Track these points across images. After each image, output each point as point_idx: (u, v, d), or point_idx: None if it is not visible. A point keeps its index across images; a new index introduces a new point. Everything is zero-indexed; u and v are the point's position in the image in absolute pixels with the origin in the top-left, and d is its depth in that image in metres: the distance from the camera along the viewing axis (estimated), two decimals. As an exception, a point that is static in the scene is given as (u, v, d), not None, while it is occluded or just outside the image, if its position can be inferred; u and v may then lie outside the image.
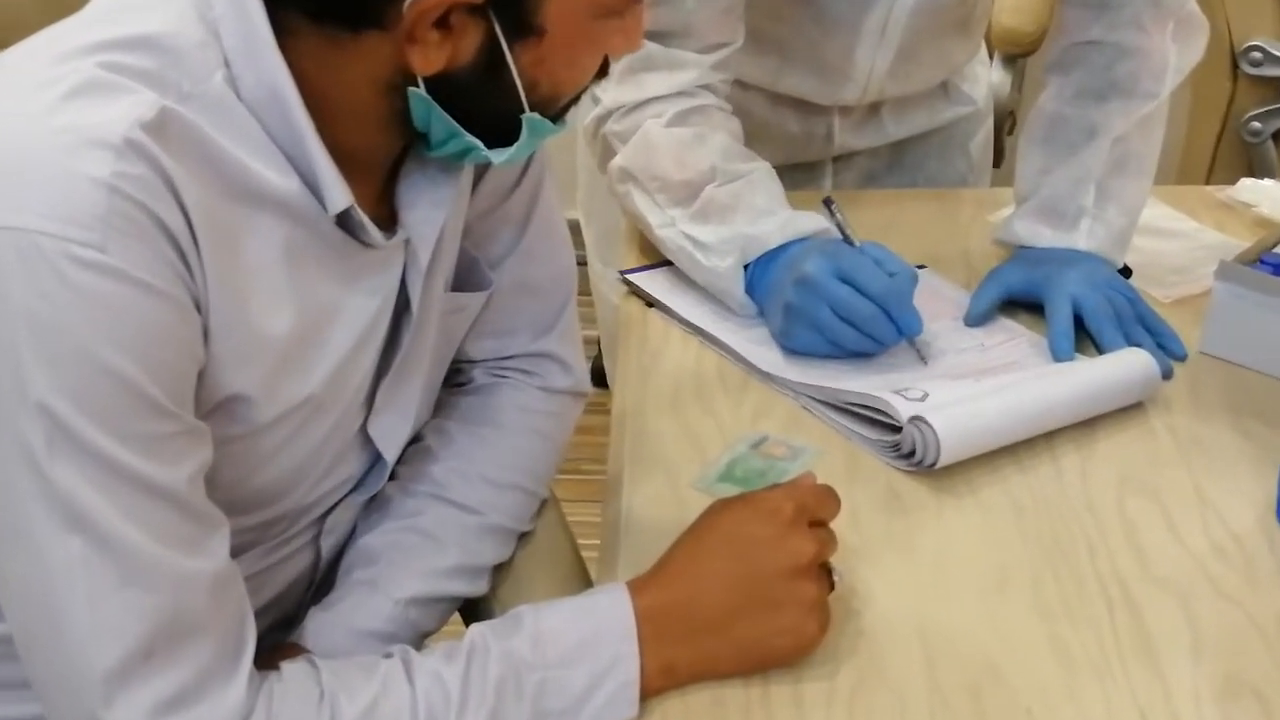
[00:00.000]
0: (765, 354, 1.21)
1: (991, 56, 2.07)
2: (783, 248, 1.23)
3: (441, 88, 0.81)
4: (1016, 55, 2.09)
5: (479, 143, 0.84)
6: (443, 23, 0.77)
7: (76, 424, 0.72)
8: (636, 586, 0.88)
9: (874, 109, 1.51)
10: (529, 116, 0.84)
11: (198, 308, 0.77)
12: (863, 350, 1.18)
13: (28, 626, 0.76)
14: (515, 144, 0.85)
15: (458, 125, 0.83)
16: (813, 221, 1.25)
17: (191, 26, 0.79)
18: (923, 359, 1.20)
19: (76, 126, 0.72)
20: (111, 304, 0.72)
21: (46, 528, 0.73)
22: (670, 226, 1.28)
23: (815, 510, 0.91)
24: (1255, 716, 0.87)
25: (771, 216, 1.25)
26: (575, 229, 1.50)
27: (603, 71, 0.87)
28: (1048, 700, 0.87)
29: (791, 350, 1.21)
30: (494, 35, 0.79)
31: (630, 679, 0.84)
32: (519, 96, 0.82)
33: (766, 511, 0.90)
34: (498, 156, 0.86)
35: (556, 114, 0.87)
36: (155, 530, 0.74)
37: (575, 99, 0.88)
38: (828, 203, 1.28)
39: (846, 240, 1.23)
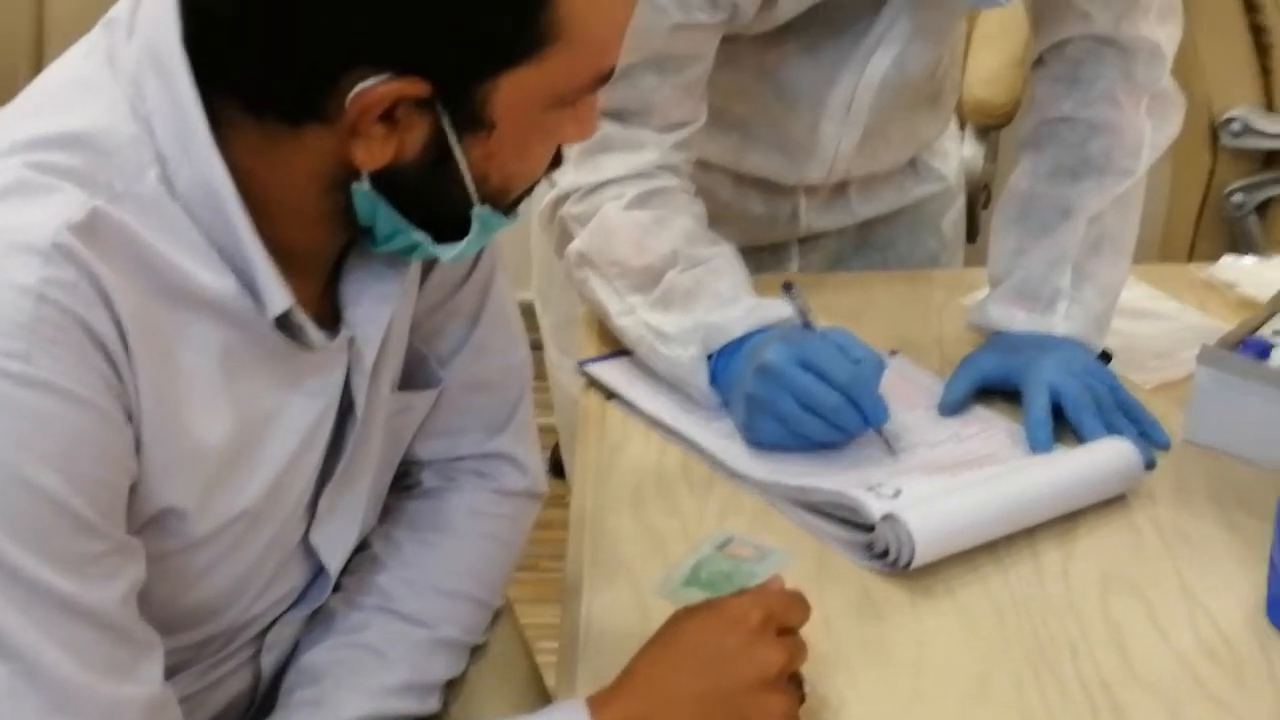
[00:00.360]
0: (731, 449, 1.21)
1: (963, 129, 2.09)
2: (747, 337, 1.22)
3: (387, 183, 0.81)
4: (990, 127, 2.12)
5: (427, 238, 0.84)
6: (388, 116, 0.77)
7: (4, 550, 0.71)
8: (597, 703, 0.87)
9: (840, 188, 1.52)
10: (479, 210, 0.84)
11: (129, 418, 0.77)
12: (829, 441, 1.18)
13: None
14: (465, 239, 0.85)
15: (404, 221, 0.83)
16: (779, 309, 1.25)
17: (123, 121, 0.79)
18: (891, 450, 1.19)
19: (2, 230, 0.72)
20: (36, 416, 0.72)
21: None
22: (630, 314, 1.28)
23: (783, 617, 0.90)
24: (1249, 832, 0.86)
25: (736, 304, 1.25)
26: (529, 313, 1.50)
27: (556, 161, 0.87)
28: (1032, 817, 0.87)
29: (756, 443, 1.20)
30: (441, 129, 0.79)
31: None
32: (468, 190, 0.82)
33: (732, 620, 0.89)
34: (446, 253, 0.86)
35: (508, 206, 0.86)
36: (84, 656, 0.74)
37: (528, 190, 0.88)
38: (787, 287, 1.28)
39: (808, 326, 1.23)
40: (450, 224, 0.84)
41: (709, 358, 1.24)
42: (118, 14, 0.83)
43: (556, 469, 1.75)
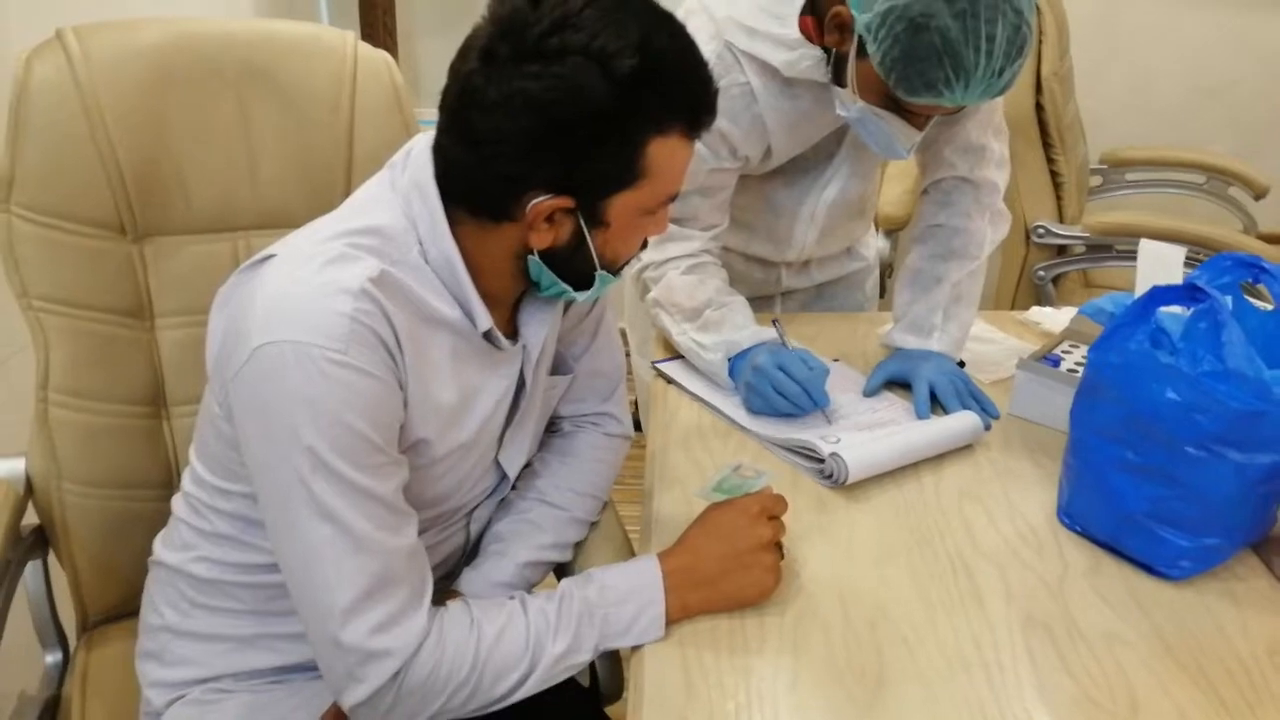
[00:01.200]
0: (741, 415, 1.22)
1: (877, 230, 2.10)
2: (750, 348, 1.24)
3: (548, 256, 0.84)
4: (892, 230, 2.13)
5: (569, 288, 0.87)
6: (549, 219, 0.81)
7: (330, 459, 0.75)
8: (662, 556, 0.89)
9: (806, 264, 1.53)
10: (600, 273, 0.87)
11: (401, 386, 0.80)
12: (791, 414, 1.18)
13: (296, 580, 0.79)
14: (591, 289, 0.88)
15: (557, 278, 0.86)
16: (769, 333, 1.26)
17: (400, 220, 0.83)
18: (829, 421, 1.19)
19: (332, 281, 0.77)
20: (352, 386, 0.75)
21: (310, 520, 0.76)
22: (684, 335, 1.30)
23: (772, 509, 0.93)
24: (1046, 642, 0.87)
25: (744, 329, 1.27)
26: (623, 335, 1.53)
27: (643, 245, 0.90)
28: (917, 631, 0.88)
29: (750, 412, 1.22)
30: (580, 227, 0.82)
31: (659, 613, 0.86)
32: (594, 262, 0.85)
33: (741, 509, 0.92)
34: (580, 295, 0.89)
35: (615, 271, 0.89)
36: (374, 521, 0.77)
37: (627, 262, 0.91)
38: (775, 322, 1.30)
39: (784, 345, 1.25)
40: (583, 280, 0.87)
41: (729, 360, 1.26)
42: (396, 159, 0.88)
43: (637, 425, 1.77)
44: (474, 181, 0.81)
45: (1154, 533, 0.95)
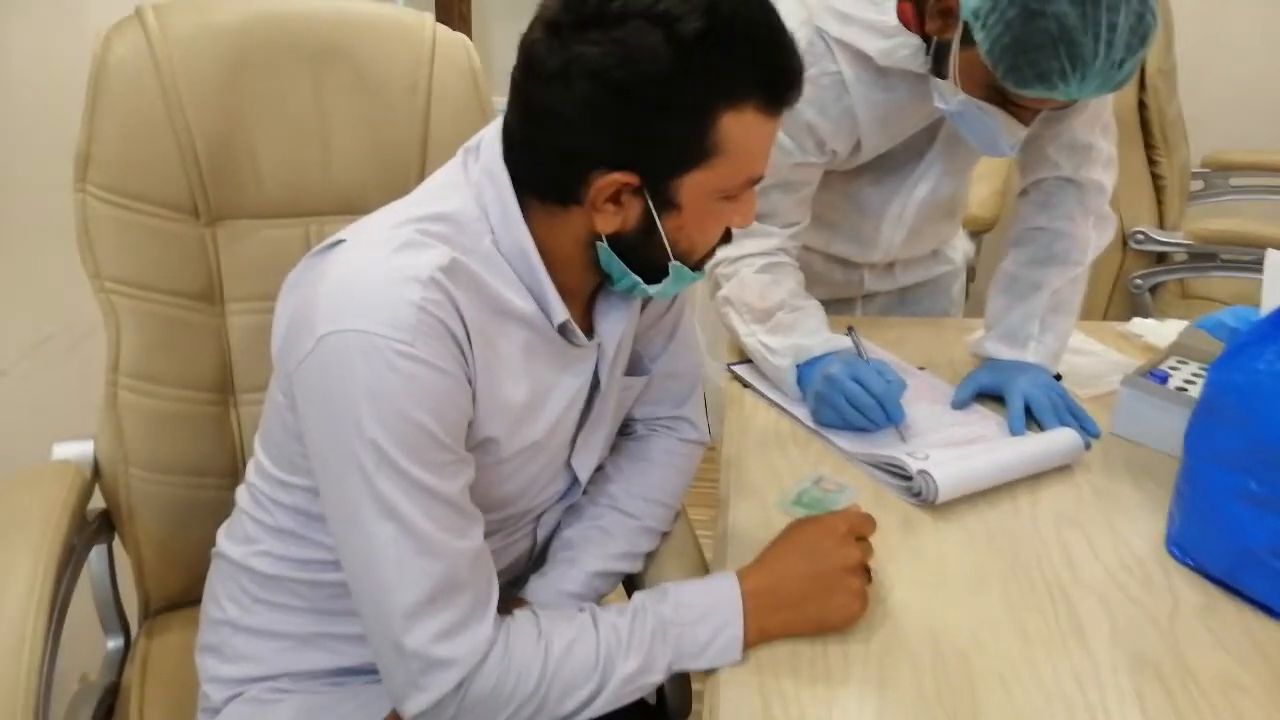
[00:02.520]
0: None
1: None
2: (821, 356, 1.19)
3: (617, 243, 0.80)
4: (979, 232, 2.05)
5: (640, 281, 0.83)
6: (615, 199, 0.76)
7: (394, 454, 0.72)
8: (743, 574, 0.85)
9: (890, 266, 1.47)
10: (674, 264, 0.82)
11: (469, 382, 0.77)
12: (863, 428, 1.13)
13: (357, 579, 0.76)
14: (665, 282, 0.83)
15: (627, 268, 0.82)
16: (843, 341, 1.21)
17: (472, 208, 0.80)
18: (902, 438, 1.13)
19: (401, 268, 0.74)
20: (417, 379, 0.72)
21: (372, 517, 0.73)
22: (751, 336, 1.25)
23: (859, 529, 0.88)
24: (1155, 686, 0.81)
25: (816, 335, 1.21)
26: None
27: (726, 237, 0.85)
28: (1014, 666, 0.83)
29: (819, 423, 1.16)
30: (649, 208, 0.77)
31: (737, 634, 0.82)
32: (667, 250, 0.80)
33: (828, 528, 0.87)
34: (654, 290, 0.84)
35: (695, 265, 0.84)
36: (439, 522, 0.74)
37: (708, 255, 0.85)
38: (850, 330, 1.25)
39: (860, 355, 1.20)
40: (656, 272, 0.82)
41: (797, 367, 1.20)
42: (471, 144, 0.84)
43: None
44: (536, 160, 0.77)
45: (1277, 571, 0.87)
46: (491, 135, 0.82)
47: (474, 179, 0.81)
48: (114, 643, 1.15)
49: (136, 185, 1.03)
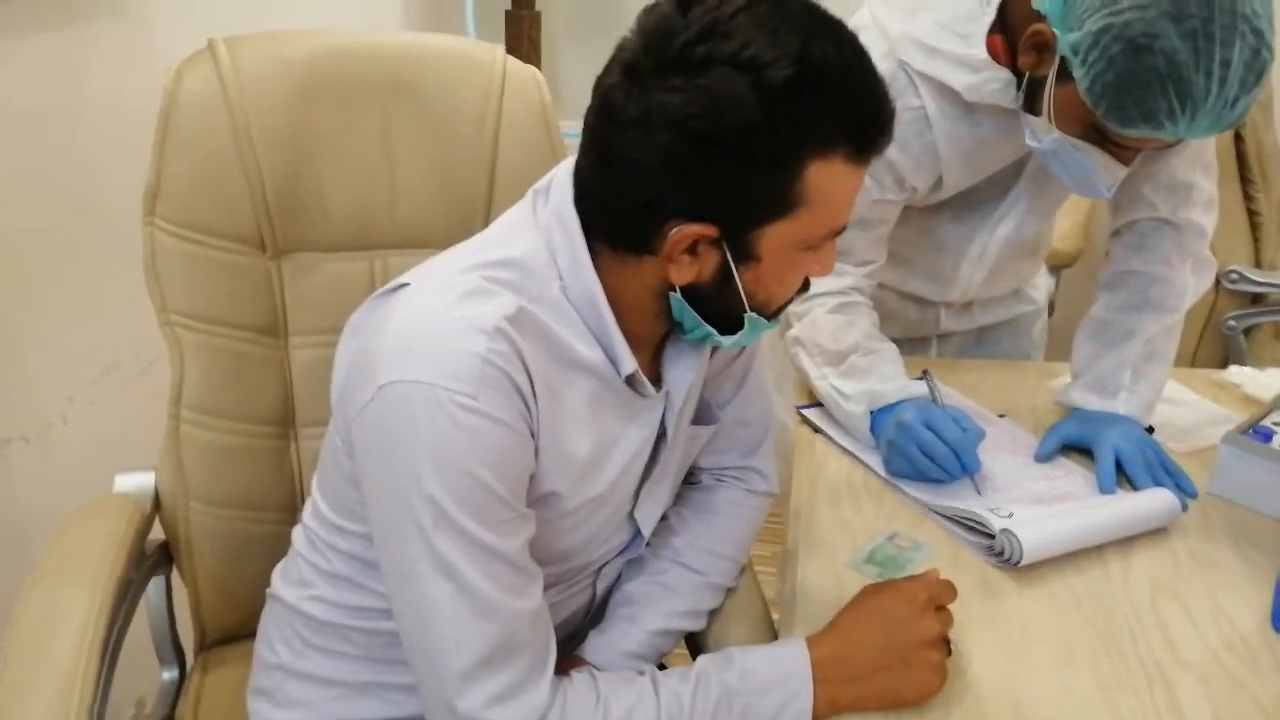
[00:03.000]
0: (897, 473, 1.12)
1: (1043, 268, 1.96)
2: (896, 403, 1.14)
3: (691, 294, 0.77)
4: (1059, 267, 1.98)
5: (714, 331, 0.80)
6: (692, 250, 0.73)
7: (453, 511, 0.70)
8: (814, 641, 0.81)
9: (968, 305, 1.42)
10: (750, 315, 0.78)
11: (532, 435, 0.75)
12: (937, 478, 1.07)
13: (411, 636, 0.74)
14: (739, 333, 0.80)
15: (700, 319, 0.78)
16: (920, 388, 1.16)
17: (540, 252, 0.77)
18: (977, 490, 1.07)
19: (465, 317, 0.71)
20: (479, 433, 0.70)
21: (428, 575, 0.71)
22: (823, 380, 1.21)
23: (940, 597, 0.83)
24: (1267, 783, 0.75)
25: (892, 381, 1.16)
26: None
27: (805, 286, 0.81)
28: (1108, 753, 0.77)
29: (891, 473, 1.11)
30: (727, 260, 0.74)
31: (806, 707, 0.77)
32: (743, 301, 0.77)
33: (907, 596, 0.82)
34: (727, 341, 0.81)
35: (771, 315, 0.81)
36: (497, 581, 0.72)
37: (785, 305, 0.82)
38: (925, 374, 1.19)
39: (935, 400, 1.14)
40: (731, 323, 0.79)
41: (871, 414, 1.15)
42: (540, 186, 0.82)
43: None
44: (611, 208, 0.74)
45: (1403, 659, 0.80)
46: (562, 177, 0.79)
47: (543, 223, 0.78)
48: (169, 674, 1.14)
49: (205, 219, 1.02)
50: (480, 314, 0.71)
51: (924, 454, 1.07)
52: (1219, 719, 0.80)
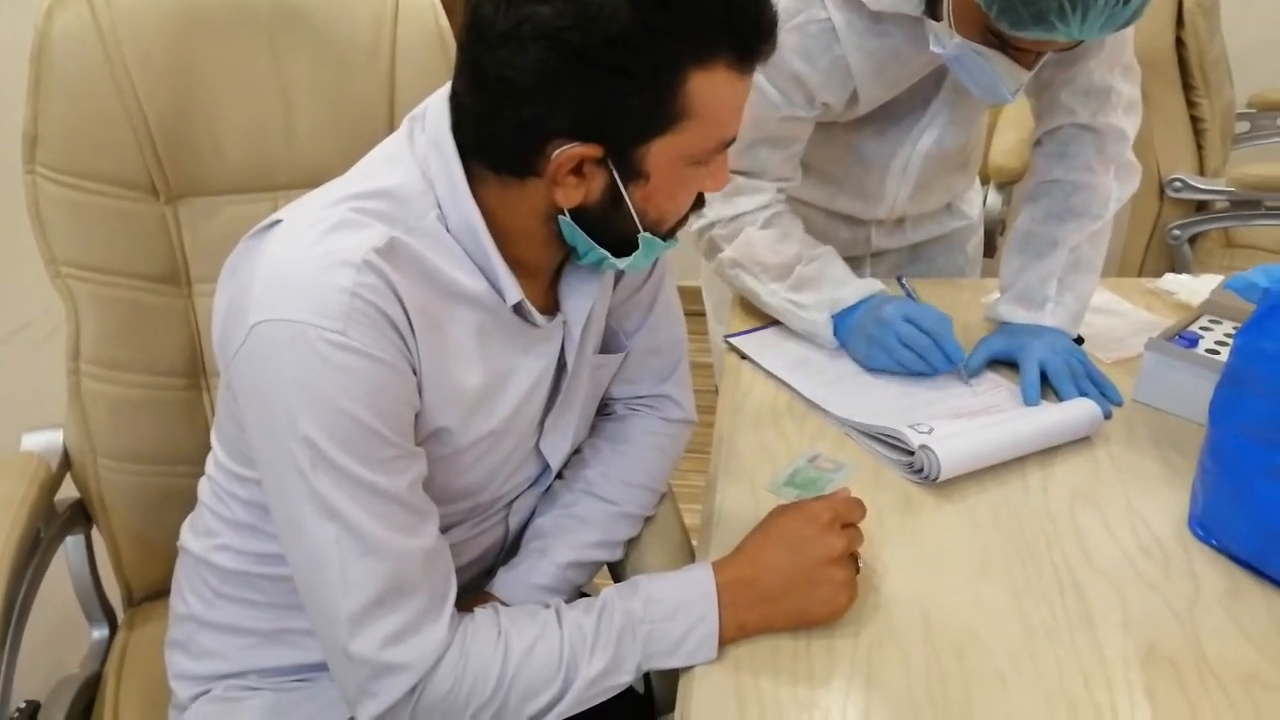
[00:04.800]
0: (821, 394, 1.11)
1: (987, 185, 1.93)
2: (857, 304, 1.16)
3: (580, 216, 0.74)
4: (1007, 183, 1.95)
5: (608, 254, 0.78)
6: (578, 171, 0.71)
7: (330, 451, 0.68)
8: (720, 565, 0.80)
9: (900, 221, 1.39)
10: (644, 235, 0.76)
11: (414, 371, 0.73)
12: (919, 370, 1.11)
13: (302, 581, 0.73)
14: (634, 254, 0.78)
15: (593, 242, 0.76)
16: (874, 285, 1.18)
17: (415, 180, 0.75)
18: (964, 381, 1.11)
19: (331, 251, 0.69)
20: (352, 370, 0.68)
21: (312, 518, 0.70)
22: (774, 295, 1.20)
23: (846, 515, 0.82)
24: (1170, 681, 0.75)
25: (847, 285, 1.18)
26: (699, 295, 1.44)
27: (699, 203, 0.79)
28: (1015, 662, 0.77)
29: (871, 369, 1.13)
30: (614, 179, 0.72)
31: (712, 630, 0.77)
32: (634, 221, 0.75)
33: (811, 516, 0.81)
34: (622, 263, 0.79)
35: (666, 234, 0.79)
36: (385, 520, 0.70)
37: (680, 223, 0.80)
38: (900, 280, 1.25)
39: (912, 298, 1.17)
40: (624, 244, 0.77)
41: (832, 319, 1.17)
42: (417, 113, 0.79)
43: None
44: (490, 131, 0.72)
45: (1310, 554, 0.80)
46: (438, 102, 0.76)
47: (420, 151, 0.76)
48: (99, 633, 1.13)
49: (88, 164, 0.99)
50: (347, 247, 0.69)
51: (904, 344, 1.09)
52: (1129, 623, 0.80)
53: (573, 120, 0.68)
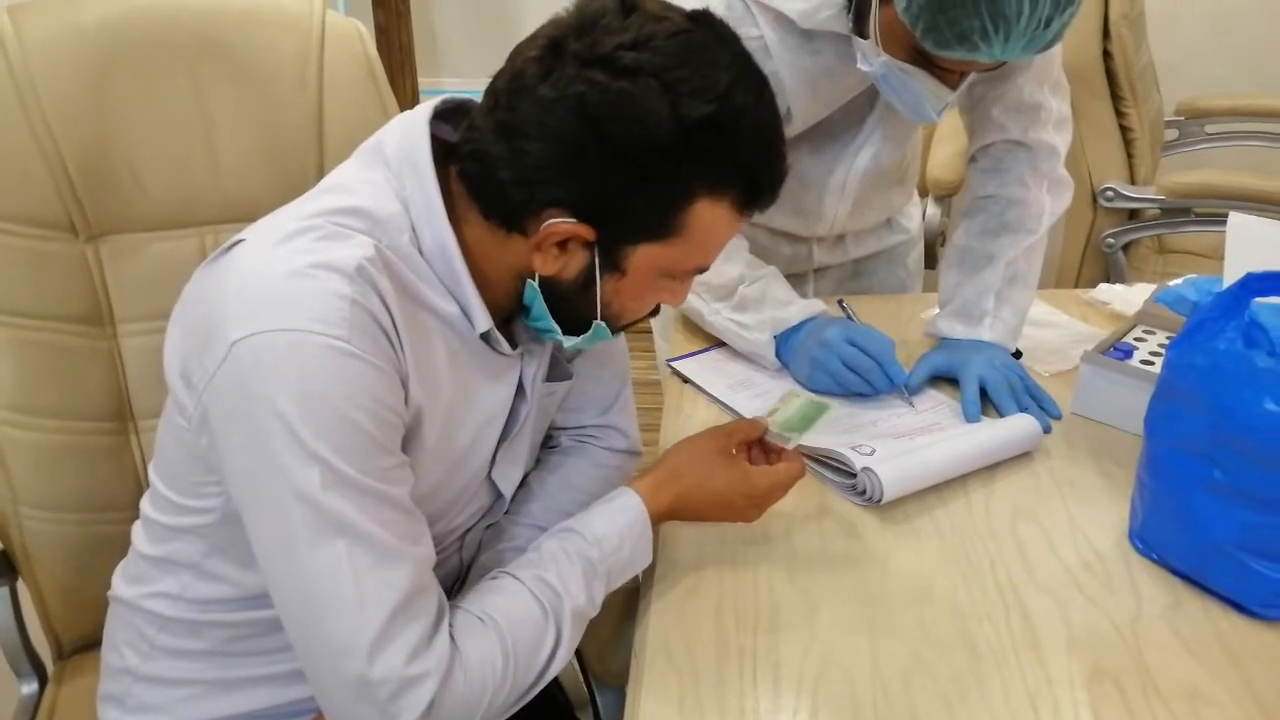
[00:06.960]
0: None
1: (925, 198, 1.95)
2: (799, 325, 1.16)
3: (548, 287, 0.76)
4: (944, 196, 1.97)
5: (558, 329, 0.79)
6: (563, 244, 0.73)
7: (338, 464, 0.67)
8: (648, 495, 0.85)
9: (840, 238, 1.40)
10: (598, 323, 0.78)
11: (403, 383, 0.72)
12: (862, 392, 1.11)
13: (300, 616, 0.69)
14: (582, 336, 0.80)
15: (549, 314, 0.78)
16: (818, 306, 1.19)
17: (388, 201, 0.75)
18: (908, 402, 1.11)
19: (326, 261, 0.69)
20: (360, 377, 0.68)
21: (315, 540, 0.67)
22: (718, 315, 1.21)
23: (744, 435, 0.91)
24: (1115, 701, 0.75)
25: (790, 306, 1.18)
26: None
27: (654, 311, 0.82)
28: (960, 685, 0.76)
29: (813, 390, 1.12)
30: (593, 264, 0.74)
31: (649, 541, 0.85)
32: (596, 309, 0.77)
33: (745, 490, 0.87)
34: (568, 341, 0.81)
35: (616, 329, 0.81)
36: (394, 529, 0.70)
37: (631, 324, 0.82)
38: (841, 302, 1.24)
39: (853, 320, 1.19)
40: (577, 324, 0.79)
41: (774, 339, 1.17)
42: (370, 145, 0.79)
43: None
44: (496, 176, 0.72)
45: (1245, 565, 0.81)
46: (401, 128, 0.77)
47: (394, 170, 0.75)
48: (28, 688, 1.09)
49: (2, 204, 0.95)
50: (338, 256, 0.69)
51: (848, 367, 1.10)
52: (1073, 641, 0.80)
53: (578, 198, 0.71)
